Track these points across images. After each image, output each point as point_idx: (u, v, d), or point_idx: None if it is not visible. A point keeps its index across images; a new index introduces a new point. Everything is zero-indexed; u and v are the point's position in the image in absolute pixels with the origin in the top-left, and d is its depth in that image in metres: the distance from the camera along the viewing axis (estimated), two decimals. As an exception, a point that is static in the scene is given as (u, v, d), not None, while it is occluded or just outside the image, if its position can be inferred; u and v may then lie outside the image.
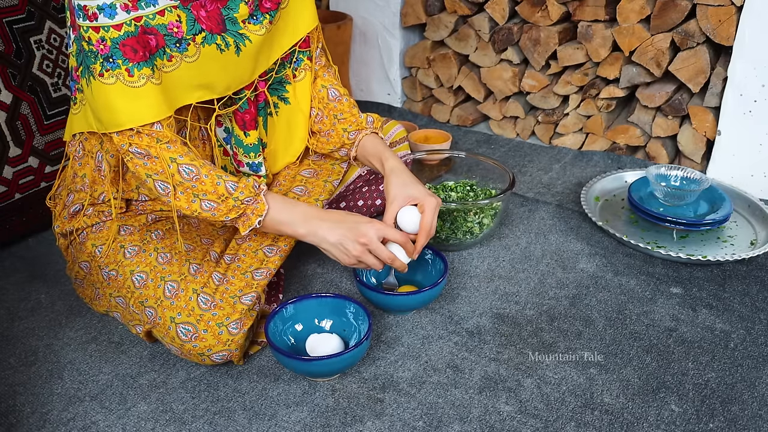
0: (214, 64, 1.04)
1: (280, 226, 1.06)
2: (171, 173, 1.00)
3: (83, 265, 1.16)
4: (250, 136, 1.17)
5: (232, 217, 1.03)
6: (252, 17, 1.06)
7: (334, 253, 1.07)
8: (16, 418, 1.02)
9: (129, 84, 0.96)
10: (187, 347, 1.04)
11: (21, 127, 1.40)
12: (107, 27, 0.93)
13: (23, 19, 1.38)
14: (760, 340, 1.15)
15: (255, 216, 1.03)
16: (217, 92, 1.08)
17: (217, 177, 1.02)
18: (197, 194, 1.01)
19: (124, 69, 0.95)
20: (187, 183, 1.01)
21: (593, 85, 1.76)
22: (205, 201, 1.02)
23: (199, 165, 1.02)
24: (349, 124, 1.24)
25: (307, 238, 1.07)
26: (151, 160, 1.00)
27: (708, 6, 1.53)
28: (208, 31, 1.02)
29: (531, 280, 1.31)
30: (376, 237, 1.06)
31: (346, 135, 1.23)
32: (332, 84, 1.26)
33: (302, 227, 1.06)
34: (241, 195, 1.02)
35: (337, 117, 1.24)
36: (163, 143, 1.00)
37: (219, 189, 1.02)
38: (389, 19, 2.02)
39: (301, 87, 1.22)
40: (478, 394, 1.04)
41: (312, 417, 1.00)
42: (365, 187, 1.44)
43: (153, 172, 1.01)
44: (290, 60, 1.19)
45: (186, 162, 1.01)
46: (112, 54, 0.94)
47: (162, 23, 0.97)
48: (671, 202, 1.46)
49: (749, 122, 1.55)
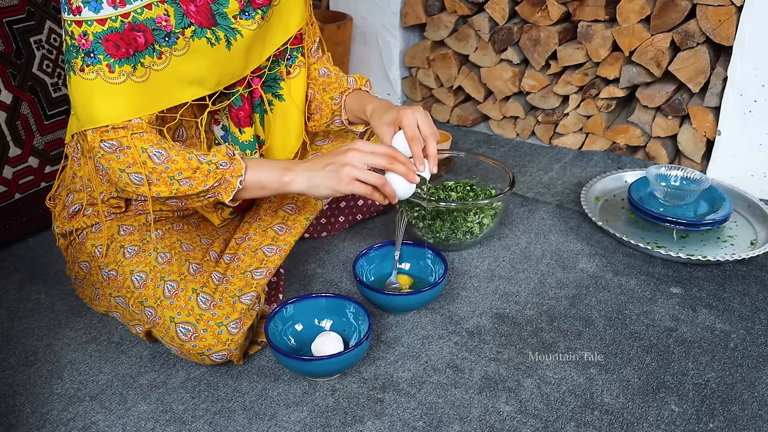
0: (205, 58, 1.03)
1: (262, 181, 1.01)
2: (142, 161, 0.98)
3: (83, 265, 1.16)
4: (245, 134, 1.16)
5: (211, 184, 0.99)
6: (243, 13, 1.05)
7: (326, 183, 1.00)
8: (16, 418, 1.02)
9: (109, 80, 0.95)
10: (187, 347, 1.04)
11: (21, 127, 1.40)
12: (90, 21, 0.93)
13: (23, 19, 1.38)
14: (760, 340, 1.15)
15: (235, 178, 0.99)
16: (209, 87, 1.07)
17: (188, 153, 0.99)
18: (173, 176, 0.99)
19: (105, 65, 0.94)
20: (159, 167, 0.98)
21: (593, 85, 1.76)
22: (182, 180, 0.99)
23: (168, 147, 0.99)
24: (334, 90, 1.23)
25: (293, 185, 1.01)
26: (123, 152, 0.98)
27: (708, 6, 1.53)
28: (198, 25, 1.01)
29: (531, 280, 1.31)
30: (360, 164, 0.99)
31: (332, 102, 1.22)
32: (324, 65, 1.26)
33: (286, 175, 1.01)
34: (214, 158, 0.99)
35: (325, 89, 1.24)
36: (136, 133, 0.98)
37: (192, 163, 0.99)
38: (389, 19, 2.02)
39: (295, 84, 1.22)
40: (478, 394, 1.04)
41: (312, 417, 1.00)
42: (365, 187, 1.44)
43: (125, 165, 0.98)
44: (284, 57, 1.19)
45: (156, 148, 0.99)
46: (94, 49, 0.93)
47: (150, 17, 0.97)
48: (671, 202, 1.46)
49: (749, 122, 1.55)
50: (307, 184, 1.01)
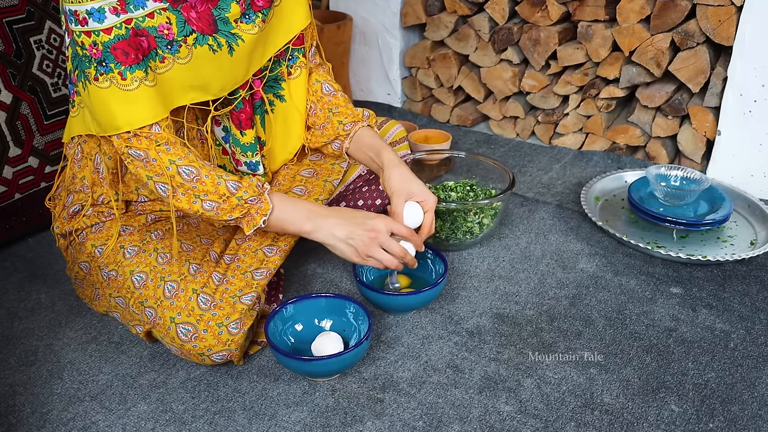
0: (208, 65, 1.04)
1: (284, 224, 1.06)
2: (171, 175, 1.00)
3: (83, 265, 1.16)
4: (246, 135, 1.17)
5: (236, 216, 1.03)
6: (244, 16, 1.05)
7: (342, 248, 1.06)
8: (16, 418, 1.02)
9: (123, 87, 0.96)
10: (187, 347, 1.04)
11: (21, 127, 1.40)
12: (97, 31, 0.93)
13: (23, 19, 1.38)
14: (760, 340, 1.15)
15: (260, 215, 1.03)
16: (212, 93, 1.08)
17: (218, 177, 1.02)
18: (198, 195, 1.01)
19: (117, 73, 0.95)
20: (187, 184, 1.01)
21: (593, 85, 1.76)
22: (206, 201, 1.01)
23: (198, 166, 1.02)
24: (345, 117, 1.23)
25: (313, 235, 1.06)
26: (150, 162, 1.00)
27: (708, 6, 1.53)
28: (199, 32, 1.01)
29: (531, 280, 1.31)
30: (386, 231, 1.05)
31: (341, 127, 1.22)
32: (326, 80, 1.26)
33: (308, 224, 1.05)
34: (245, 194, 1.02)
35: (332, 110, 1.24)
36: (161, 145, 1.00)
37: (220, 189, 1.01)
38: (389, 19, 2.02)
39: (296, 84, 1.22)
40: (478, 394, 1.04)
41: (312, 417, 1.00)
42: (365, 187, 1.44)
43: (153, 174, 1.01)
44: (285, 57, 1.19)
45: (185, 164, 1.01)
46: (105, 58, 0.94)
47: (152, 25, 0.97)
48: (671, 202, 1.46)
49: (749, 122, 1.55)
50: (325, 241, 1.06)
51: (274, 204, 1.04)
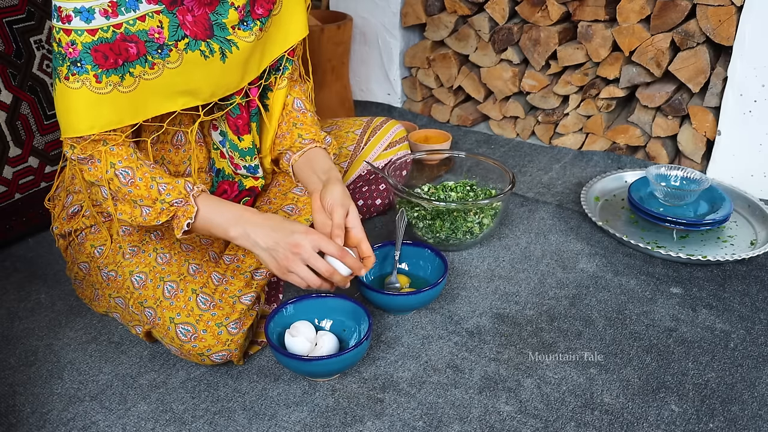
0: (198, 71, 1.02)
1: (211, 228, 1.01)
2: (109, 178, 0.98)
3: (82, 265, 1.16)
4: (244, 141, 1.15)
5: (163, 220, 0.99)
6: (242, 23, 1.03)
7: (264, 258, 1.00)
8: (16, 418, 1.02)
9: (95, 90, 0.93)
10: (187, 347, 1.04)
11: (21, 127, 1.40)
12: (80, 31, 0.91)
13: (23, 19, 1.38)
14: (760, 340, 1.15)
15: (184, 218, 0.99)
16: (202, 99, 1.05)
17: (152, 179, 0.99)
18: (135, 200, 0.99)
19: (92, 75, 0.93)
20: (124, 188, 0.98)
21: (593, 85, 1.76)
22: (143, 207, 0.99)
23: (135, 167, 0.99)
24: (307, 132, 1.19)
25: (238, 241, 1.01)
26: (94, 164, 0.98)
27: (708, 6, 1.53)
28: (192, 37, 0.99)
29: (531, 280, 1.31)
30: (310, 247, 0.98)
31: (299, 140, 1.18)
32: (300, 97, 1.22)
33: (233, 229, 1.00)
34: (168, 197, 0.99)
35: (296, 124, 1.20)
36: (108, 145, 0.98)
37: (152, 192, 0.98)
38: (389, 19, 2.02)
39: (279, 96, 1.19)
40: (478, 394, 1.04)
41: (312, 417, 1.00)
42: (365, 187, 1.44)
43: (94, 178, 0.98)
44: (276, 68, 1.17)
45: (124, 166, 0.98)
46: (81, 59, 0.92)
47: (142, 29, 0.95)
48: (671, 202, 1.46)
49: (749, 122, 1.55)
50: (249, 247, 1.01)
51: (199, 207, 1.00)
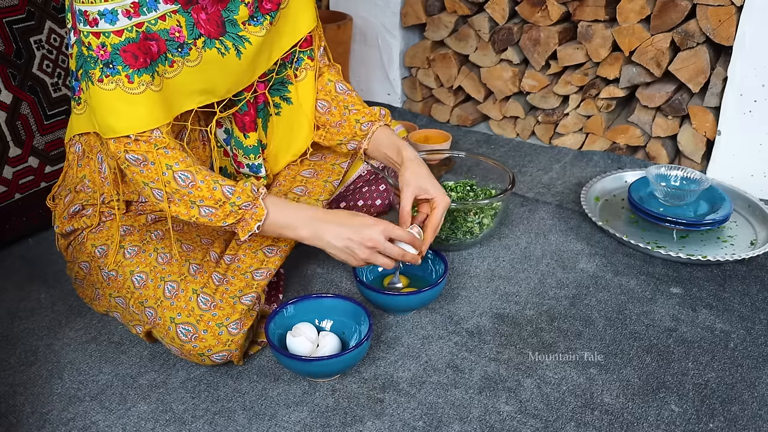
0: (216, 68, 1.04)
1: (281, 229, 1.05)
2: (166, 181, 0.99)
3: (83, 265, 1.16)
4: (249, 138, 1.17)
5: (230, 222, 1.02)
6: (252, 19, 1.06)
7: (341, 257, 1.07)
8: (16, 418, 1.02)
9: (128, 91, 0.95)
10: (187, 347, 1.04)
11: (21, 127, 1.40)
12: (108, 33, 0.93)
13: (23, 19, 1.38)
14: (760, 340, 1.15)
15: (254, 221, 1.02)
16: (218, 96, 1.08)
17: (214, 182, 1.01)
18: (194, 201, 1.01)
19: (124, 75, 0.95)
20: (183, 190, 1.00)
21: (593, 85, 1.76)
22: (203, 207, 1.01)
23: (194, 171, 1.01)
24: (362, 116, 1.24)
25: (311, 241, 1.06)
26: (147, 167, 0.99)
27: (708, 6, 1.53)
28: (206, 35, 1.01)
29: (531, 280, 1.31)
30: (383, 238, 1.05)
31: (359, 126, 1.23)
32: (338, 80, 1.27)
33: (305, 230, 1.05)
34: (238, 200, 1.01)
35: (348, 108, 1.24)
36: (160, 149, 0.99)
37: (215, 194, 1.01)
38: (389, 19, 2.02)
39: (303, 87, 1.22)
40: (478, 394, 1.04)
41: (312, 417, 1.01)
42: (365, 187, 1.44)
43: (149, 180, 1.00)
44: (291, 60, 1.19)
45: (181, 169, 1.00)
46: (113, 60, 0.94)
47: (164, 28, 0.97)
48: (671, 202, 1.46)
49: (749, 122, 1.55)
50: (321, 245, 1.06)
51: (269, 209, 1.03)
